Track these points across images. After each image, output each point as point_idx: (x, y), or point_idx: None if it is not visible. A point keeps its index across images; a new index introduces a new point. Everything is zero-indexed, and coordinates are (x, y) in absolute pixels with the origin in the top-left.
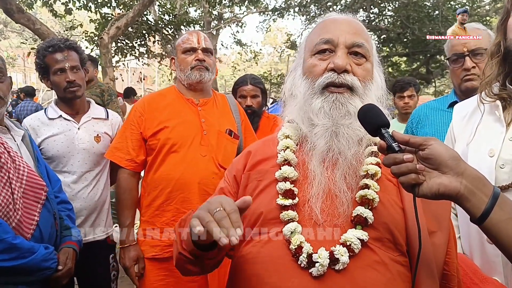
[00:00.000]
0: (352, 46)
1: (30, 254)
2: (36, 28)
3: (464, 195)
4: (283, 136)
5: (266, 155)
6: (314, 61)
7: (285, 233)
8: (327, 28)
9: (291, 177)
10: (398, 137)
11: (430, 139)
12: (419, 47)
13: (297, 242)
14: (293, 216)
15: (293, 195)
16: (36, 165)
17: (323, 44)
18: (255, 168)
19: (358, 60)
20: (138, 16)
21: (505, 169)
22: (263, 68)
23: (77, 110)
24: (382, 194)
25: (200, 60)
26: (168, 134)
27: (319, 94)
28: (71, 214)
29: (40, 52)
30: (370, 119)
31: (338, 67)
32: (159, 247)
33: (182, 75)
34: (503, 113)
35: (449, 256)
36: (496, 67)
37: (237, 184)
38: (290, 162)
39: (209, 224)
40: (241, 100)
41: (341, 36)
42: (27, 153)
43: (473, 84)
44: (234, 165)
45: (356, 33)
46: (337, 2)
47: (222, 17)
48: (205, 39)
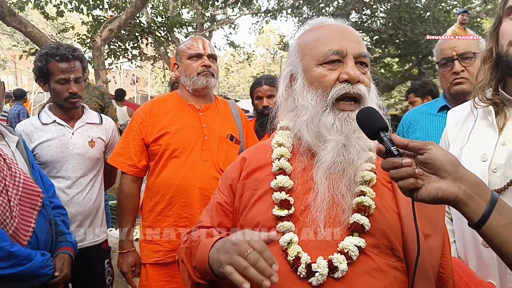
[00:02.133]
0: (359, 56)
1: (27, 262)
2: (28, 31)
3: (462, 200)
4: (277, 144)
5: (260, 162)
6: (323, 71)
7: (282, 244)
8: (333, 37)
9: (287, 187)
10: (397, 141)
11: (429, 144)
12: (411, 48)
13: (294, 253)
14: (289, 227)
15: (289, 205)
16: (31, 171)
17: (333, 55)
18: (250, 176)
19: (363, 69)
20: (131, 18)
21: (497, 173)
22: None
23: (71, 115)
24: (378, 200)
25: (206, 66)
26: (169, 140)
27: (330, 109)
28: (66, 219)
29: (44, 56)
30: (369, 123)
31: (352, 78)
32: (161, 252)
33: (188, 81)
34: (495, 118)
35: (444, 258)
36: (488, 72)
37: (233, 193)
38: (285, 171)
39: (248, 271)
40: (258, 101)
41: (349, 46)
42: (22, 159)
43: (462, 87)
44: (228, 173)
45: (360, 42)
46: (330, 4)
47: (215, 19)
48: (210, 45)
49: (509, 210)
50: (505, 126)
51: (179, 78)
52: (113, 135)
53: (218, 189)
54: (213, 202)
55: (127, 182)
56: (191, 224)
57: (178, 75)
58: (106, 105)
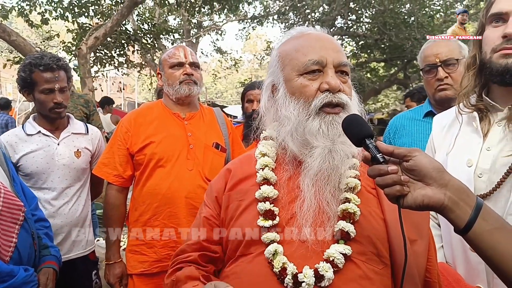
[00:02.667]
0: (339, 65)
1: (9, 278)
2: (12, 39)
3: (448, 206)
4: (260, 154)
5: (245, 173)
6: (304, 81)
7: (267, 256)
8: (312, 46)
9: (271, 196)
10: (383, 148)
11: (414, 151)
12: (396, 53)
13: (280, 264)
14: (273, 238)
15: (273, 216)
16: (12, 184)
17: (313, 65)
18: (236, 188)
19: (344, 78)
20: (117, 25)
21: (483, 178)
22: (243, 75)
23: (56, 125)
24: (363, 207)
25: (188, 74)
26: (154, 149)
27: (314, 115)
28: (49, 232)
29: (27, 66)
30: (355, 130)
31: (333, 88)
32: (147, 263)
33: (171, 90)
34: (480, 124)
35: (429, 263)
36: (472, 79)
37: (218, 205)
38: (270, 180)
39: None
40: (248, 104)
41: (328, 56)
42: (2, 172)
43: (446, 93)
44: (213, 186)
45: (339, 51)
46: (315, 10)
47: (201, 25)
48: (191, 54)
49: (494, 216)
50: (490, 132)
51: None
52: (100, 144)
53: (204, 204)
54: (200, 218)
55: (113, 193)
56: (176, 233)
57: (162, 84)
58: (91, 113)
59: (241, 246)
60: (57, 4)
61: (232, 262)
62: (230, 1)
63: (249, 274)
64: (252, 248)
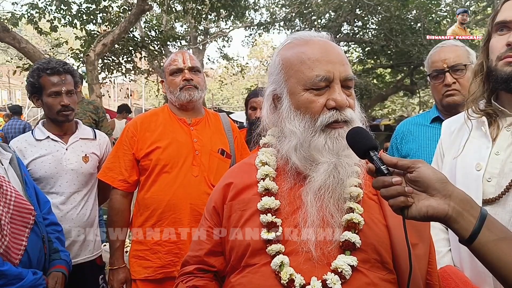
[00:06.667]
0: (345, 79)
1: (18, 281)
2: (21, 46)
3: (452, 217)
4: (261, 163)
5: (246, 183)
6: (310, 97)
7: (274, 268)
8: (318, 60)
9: (273, 208)
10: (387, 160)
11: (418, 162)
12: (402, 59)
13: (287, 276)
14: (278, 249)
15: (276, 227)
16: (24, 188)
17: (321, 82)
18: (237, 198)
19: (349, 91)
20: (124, 32)
21: (491, 182)
22: (250, 82)
23: (65, 130)
24: (366, 215)
25: (187, 80)
26: (160, 155)
27: (320, 131)
28: (61, 236)
29: (35, 72)
30: (359, 143)
31: (340, 106)
32: (151, 269)
33: (172, 97)
34: (489, 128)
35: (430, 266)
36: (480, 85)
37: (217, 214)
38: (271, 191)
39: None
40: (252, 112)
41: (335, 70)
42: (15, 176)
43: (454, 99)
44: (212, 197)
45: (346, 64)
46: (322, 16)
47: (208, 32)
48: (190, 58)
49: (498, 226)
50: (498, 136)
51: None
52: (107, 150)
53: (203, 217)
54: (200, 230)
55: (118, 197)
56: (181, 240)
57: (165, 92)
58: (101, 119)
59: (245, 257)
60: (66, 12)
61: (238, 273)
62: (236, 8)
63: (256, 285)
64: (256, 258)
